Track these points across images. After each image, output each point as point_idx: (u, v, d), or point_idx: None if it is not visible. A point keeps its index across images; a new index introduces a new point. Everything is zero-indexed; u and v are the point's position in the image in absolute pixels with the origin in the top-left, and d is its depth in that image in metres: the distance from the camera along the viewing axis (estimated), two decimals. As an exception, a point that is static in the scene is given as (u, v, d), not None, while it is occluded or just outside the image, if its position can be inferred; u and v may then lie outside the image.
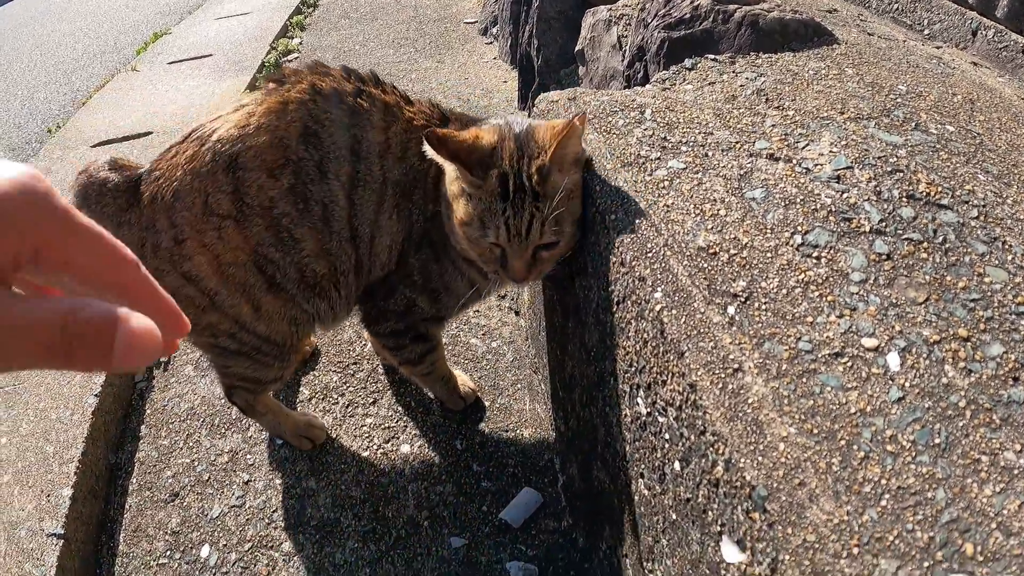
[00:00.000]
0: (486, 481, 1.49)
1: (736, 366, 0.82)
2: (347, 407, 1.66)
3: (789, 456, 0.73)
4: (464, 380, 1.61)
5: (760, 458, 0.74)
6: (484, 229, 1.05)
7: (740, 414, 0.79)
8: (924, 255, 0.91)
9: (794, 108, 1.34)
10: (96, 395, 1.63)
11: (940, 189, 1.03)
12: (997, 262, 0.90)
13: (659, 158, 1.21)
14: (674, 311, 0.92)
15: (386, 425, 1.60)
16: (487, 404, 1.63)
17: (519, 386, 1.67)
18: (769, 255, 0.95)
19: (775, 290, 0.90)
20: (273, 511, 1.48)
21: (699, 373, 0.84)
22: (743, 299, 0.90)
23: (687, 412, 0.86)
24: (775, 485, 0.72)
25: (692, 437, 0.85)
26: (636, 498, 1.05)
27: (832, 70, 1.55)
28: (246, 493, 1.52)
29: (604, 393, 1.14)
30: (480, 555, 1.37)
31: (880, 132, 1.21)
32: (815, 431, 0.75)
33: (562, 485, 1.47)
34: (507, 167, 1.02)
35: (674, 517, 0.92)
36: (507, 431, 1.57)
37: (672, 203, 1.09)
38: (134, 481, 1.60)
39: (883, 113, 1.29)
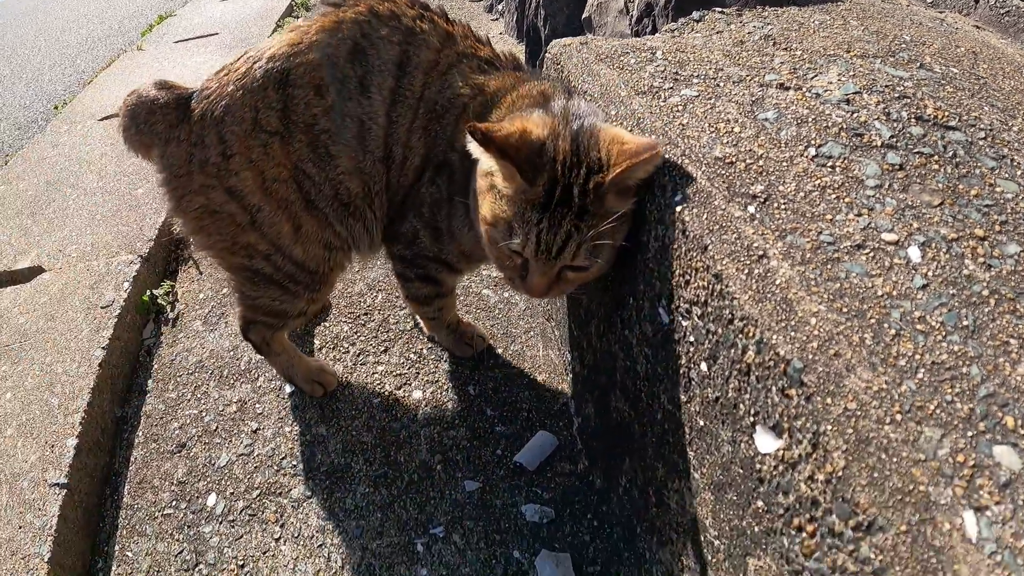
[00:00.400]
0: (500, 425, 1.46)
1: (760, 253, 0.81)
2: (358, 355, 1.63)
3: (822, 330, 0.71)
4: (475, 329, 1.59)
5: (792, 333, 0.72)
6: (510, 235, 0.94)
7: (768, 295, 0.77)
8: (936, 167, 0.92)
9: (801, 48, 1.35)
10: (103, 348, 1.61)
11: (947, 113, 1.04)
12: (1007, 176, 0.91)
13: (672, 88, 1.22)
14: (695, 210, 0.90)
15: (398, 372, 1.58)
16: (500, 351, 1.61)
17: (532, 334, 1.65)
18: (785, 164, 0.96)
19: (793, 193, 0.90)
20: (282, 458, 1.46)
21: (724, 263, 0.83)
22: (762, 200, 0.90)
23: (713, 305, 0.84)
24: (810, 357, 0.70)
25: (719, 330, 0.83)
26: (659, 416, 1.03)
27: (837, 21, 1.56)
28: (255, 441, 1.50)
29: (623, 315, 1.12)
30: (495, 498, 1.35)
31: (886, 67, 1.23)
32: (845, 310, 0.73)
33: (577, 428, 1.45)
34: (558, 174, 0.91)
35: (701, 423, 0.90)
36: (520, 376, 1.55)
37: (687, 123, 1.09)
38: (140, 434, 1.57)
39: (888, 54, 1.31)
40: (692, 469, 0.94)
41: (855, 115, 1.03)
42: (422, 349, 1.63)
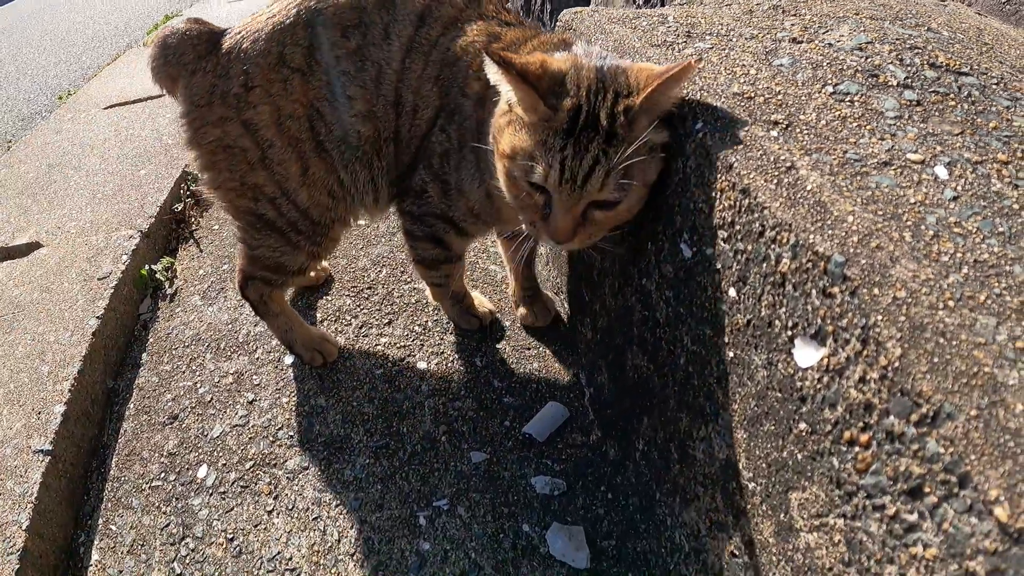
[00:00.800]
0: (508, 397, 1.40)
1: (789, 164, 0.78)
2: (361, 328, 1.57)
3: (860, 226, 0.68)
4: (482, 301, 1.54)
5: (830, 231, 0.68)
6: (531, 164, 0.88)
7: (800, 199, 0.73)
8: (952, 103, 0.90)
9: (811, 14, 1.35)
10: (98, 317, 1.55)
11: (959, 63, 1.03)
12: (1023, 114, 0.88)
13: (685, 42, 1.21)
14: (717, 134, 0.87)
15: (401, 344, 1.52)
16: (507, 325, 1.55)
17: (541, 306, 1.59)
18: (804, 99, 0.94)
19: (814, 121, 0.88)
20: (278, 429, 1.39)
21: (751, 176, 0.79)
22: (784, 126, 0.87)
23: (742, 221, 0.79)
24: (852, 250, 0.65)
25: (749, 246, 0.79)
26: (682, 360, 0.97)
27: (843, -3, 1.57)
28: (250, 412, 1.43)
29: (641, 264, 1.08)
30: (503, 470, 1.27)
31: (895, 27, 1.24)
32: (880, 212, 0.70)
33: (589, 398, 1.38)
34: (583, 99, 0.87)
35: (731, 355, 0.84)
36: (529, 349, 1.49)
37: (703, 67, 1.07)
38: (131, 406, 1.50)
39: (896, 18, 1.32)
40: (721, 409, 0.88)
41: (869, 60, 1.02)
42: (427, 322, 1.57)
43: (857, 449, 0.64)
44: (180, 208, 2.05)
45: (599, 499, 1.22)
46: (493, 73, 0.91)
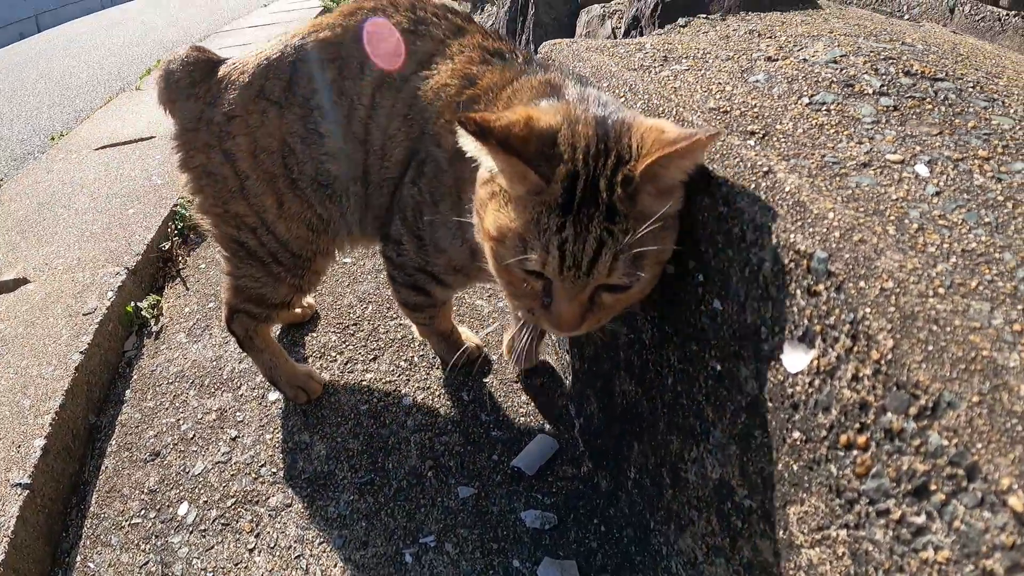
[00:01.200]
0: (496, 430, 1.36)
1: (766, 169, 0.79)
2: (346, 364, 1.55)
3: (842, 222, 0.67)
4: (469, 336, 1.51)
5: (811, 228, 0.68)
6: (524, 250, 0.73)
7: (779, 201, 0.74)
8: (929, 107, 0.92)
9: (785, 36, 1.40)
10: (82, 352, 1.53)
11: (934, 70, 1.05)
12: (1001, 113, 0.90)
13: (662, 66, 1.24)
14: (695, 146, 0.87)
15: (387, 380, 1.49)
16: (494, 359, 1.52)
17: (530, 337, 1.57)
18: (780, 110, 0.95)
19: (791, 130, 0.89)
20: (261, 466, 1.34)
21: (728, 183, 0.80)
22: (761, 135, 0.89)
23: (722, 229, 0.79)
24: (834, 245, 0.65)
25: (729, 253, 0.78)
26: (669, 380, 0.95)
27: (818, 20, 1.64)
28: (233, 449, 1.38)
29: (627, 284, 1.06)
30: (491, 505, 1.22)
31: (869, 42, 1.27)
32: (861, 209, 0.70)
33: (579, 429, 1.34)
34: (580, 164, 0.73)
35: (718, 368, 0.82)
36: (516, 382, 1.46)
37: (679, 86, 1.09)
38: (113, 443, 1.46)
39: (870, 35, 1.36)
40: (711, 427, 0.85)
41: (844, 71, 1.04)
42: (413, 357, 1.55)
43: (855, 452, 0.61)
44: (167, 246, 2.06)
45: (592, 532, 1.17)
46: (468, 143, 0.76)
